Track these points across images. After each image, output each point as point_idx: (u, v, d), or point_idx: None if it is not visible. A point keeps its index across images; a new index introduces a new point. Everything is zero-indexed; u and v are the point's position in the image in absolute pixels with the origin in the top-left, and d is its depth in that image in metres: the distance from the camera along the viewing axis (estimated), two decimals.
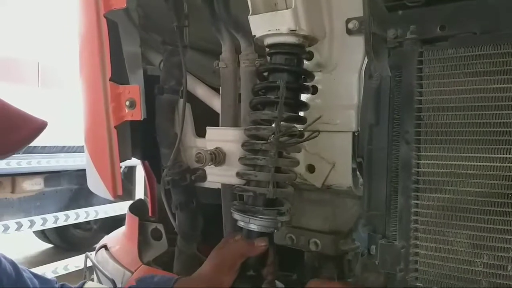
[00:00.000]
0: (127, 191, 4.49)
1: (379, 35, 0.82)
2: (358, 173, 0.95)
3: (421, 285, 0.74)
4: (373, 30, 0.82)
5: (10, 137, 0.64)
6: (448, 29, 0.74)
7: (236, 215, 0.85)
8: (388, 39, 0.79)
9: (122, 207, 4.50)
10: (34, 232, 4.72)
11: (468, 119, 0.71)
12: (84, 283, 0.96)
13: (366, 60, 0.88)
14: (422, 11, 0.76)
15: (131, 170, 4.57)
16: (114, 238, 1.42)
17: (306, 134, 0.85)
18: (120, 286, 1.12)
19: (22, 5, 3.69)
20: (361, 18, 0.87)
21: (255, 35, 0.84)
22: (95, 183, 1.15)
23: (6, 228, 3.72)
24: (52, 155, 3.96)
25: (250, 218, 0.82)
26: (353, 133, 0.93)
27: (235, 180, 0.98)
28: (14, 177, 4.08)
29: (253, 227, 0.82)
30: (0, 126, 0.63)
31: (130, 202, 1.46)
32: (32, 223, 3.91)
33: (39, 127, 0.68)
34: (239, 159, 0.87)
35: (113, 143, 1.07)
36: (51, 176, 4.42)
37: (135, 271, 1.14)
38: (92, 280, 1.36)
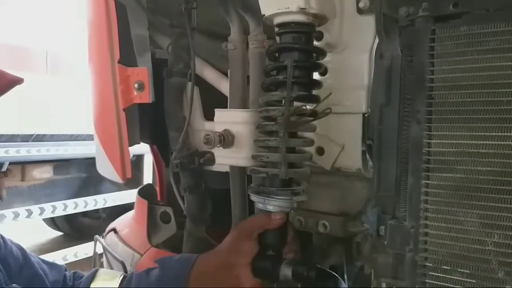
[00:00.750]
0: (135, 179, 4.52)
1: (390, 14, 0.81)
2: (367, 155, 0.95)
3: (431, 264, 0.74)
4: (384, 9, 0.80)
5: None
6: (461, 6, 0.73)
7: (253, 197, 0.85)
8: (399, 18, 0.78)
9: (130, 195, 4.54)
10: (43, 219, 4.79)
11: (480, 98, 0.70)
12: (96, 271, 0.97)
13: (377, 39, 0.87)
14: None
15: (139, 158, 4.60)
16: (123, 222, 1.43)
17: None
18: (131, 268, 1.13)
19: None
20: None
21: (264, 14, 0.83)
22: (105, 166, 1.16)
23: (16, 215, 3.78)
24: (61, 143, 3.99)
25: (265, 199, 0.82)
26: (363, 114, 0.93)
27: (243, 162, 0.98)
28: (24, 165, 4.13)
29: (270, 207, 0.83)
30: None
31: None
32: (42, 210, 3.97)
33: (13, 79, 0.75)
34: (253, 141, 0.87)
35: (122, 126, 1.07)
36: (60, 164, 4.46)
37: (144, 253, 1.15)
38: (102, 263, 1.38)
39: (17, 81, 0.77)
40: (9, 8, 3.55)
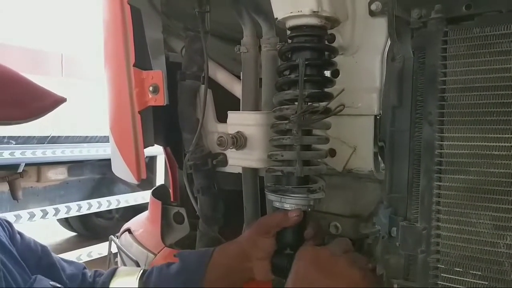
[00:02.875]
0: (148, 180, 4.56)
1: (402, 16, 0.81)
2: (379, 157, 0.95)
3: (443, 266, 0.74)
4: (396, 12, 0.81)
5: (33, 105, 0.74)
6: (474, 8, 0.73)
7: (270, 196, 0.86)
8: (412, 20, 0.78)
9: (143, 197, 4.59)
10: (58, 220, 4.86)
11: (493, 99, 0.70)
12: (116, 269, 0.99)
13: (388, 42, 0.88)
14: None
15: (152, 160, 4.65)
16: (137, 222, 1.46)
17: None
18: (146, 267, 1.15)
19: None
20: (384, 0, 0.87)
21: (277, 18, 0.84)
22: (120, 168, 1.18)
23: (32, 215, 3.85)
24: (75, 145, 4.06)
25: (281, 197, 0.83)
26: (375, 116, 0.93)
27: (255, 164, 0.99)
28: (39, 166, 4.21)
29: (287, 206, 0.84)
30: (26, 95, 0.74)
31: (150, 191, 1.49)
32: (57, 211, 4.04)
33: (58, 99, 0.77)
34: (269, 141, 0.88)
35: (137, 128, 1.09)
36: (74, 165, 4.54)
37: (158, 253, 1.17)
38: (116, 262, 1.41)
39: (61, 101, 0.78)
40: (24, 11, 3.62)
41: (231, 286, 0.92)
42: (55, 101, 0.76)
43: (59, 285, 0.83)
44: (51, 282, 0.82)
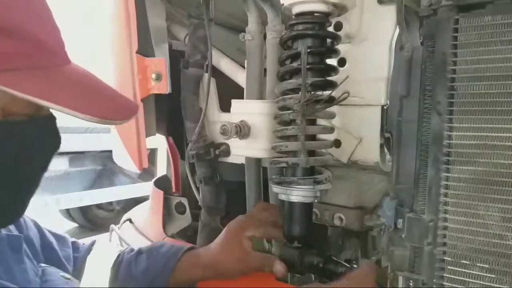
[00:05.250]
0: (149, 172, 4.55)
1: (410, 6, 0.79)
2: (385, 149, 0.94)
3: (449, 259, 0.73)
4: (405, 1, 0.79)
5: (125, 108, 0.69)
6: None
7: (275, 188, 0.85)
8: (422, 7, 0.76)
9: (144, 189, 4.59)
10: (59, 211, 4.87)
11: (504, 89, 0.68)
12: (94, 242, 0.99)
13: (397, 30, 0.86)
14: None
15: (152, 152, 4.64)
16: (138, 212, 1.45)
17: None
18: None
19: None
20: None
21: (283, 4, 0.82)
22: (121, 157, 1.17)
23: (33, 206, 3.84)
24: (76, 136, 4.05)
25: (287, 189, 0.82)
26: (382, 106, 0.91)
27: (259, 153, 0.98)
28: None
29: (293, 198, 0.83)
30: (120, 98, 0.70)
31: (151, 183, 1.48)
32: (58, 201, 4.04)
33: (135, 109, 0.71)
34: (273, 132, 0.87)
35: (139, 116, 1.08)
36: (75, 156, 4.53)
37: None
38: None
39: (137, 109, 0.72)
40: None
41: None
42: (131, 111, 0.70)
43: (68, 275, 0.81)
44: (61, 274, 0.80)
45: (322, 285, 0.81)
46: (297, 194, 0.82)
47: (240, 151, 1.00)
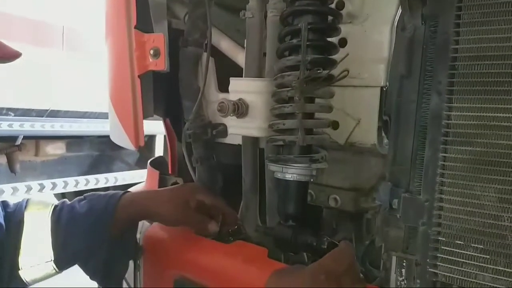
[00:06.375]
0: (146, 159, 4.55)
1: None
2: (383, 132, 0.93)
3: (444, 239, 0.72)
4: None
5: None
6: None
7: (272, 167, 0.84)
8: None
9: (141, 175, 4.58)
10: (54, 195, 4.86)
11: (505, 69, 0.68)
12: (28, 200, 1.00)
13: (399, 11, 0.85)
14: None
15: (151, 139, 4.62)
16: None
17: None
18: (140, 236, 1.14)
19: None
20: None
21: None
22: (118, 134, 1.15)
23: (29, 188, 3.84)
24: (74, 120, 4.03)
25: (283, 167, 0.81)
26: (381, 88, 0.91)
27: (256, 132, 0.97)
28: (38, 140, 4.19)
29: (288, 176, 0.82)
30: None
31: None
32: (54, 185, 4.02)
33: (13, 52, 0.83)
34: (270, 110, 0.86)
35: (136, 92, 1.07)
36: (73, 141, 4.51)
37: (154, 222, 1.15)
38: None
39: (16, 55, 0.84)
40: None
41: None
42: (8, 53, 0.80)
43: None
44: None
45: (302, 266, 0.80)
46: (293, 172, 0.82)
47: (237, 130, 1.00)
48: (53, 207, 0.98)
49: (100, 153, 4.78)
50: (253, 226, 1.08)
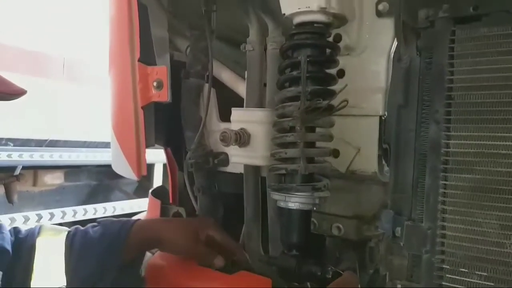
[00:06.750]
0: (145, 188, 4.53)
1: (409, 17, 0.82)
2: (383, 160, 0.95)
3: (448, 267, 0.72)
4: (403, 14, 0.81)
5: None
6: (481, 8, 0.73)
7: (274, 195, 0.85)
8: (419, 19, 0.78)
9: (139, 205, 4.55)
10: (52, 225, 4.80)
11: (500, 98, 0.70)
12: (40, 226, 1.02)
13: (395, 42, 0.88)
14: None
15: (149, 168, 4.61)
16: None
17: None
18: (142, 267, 1.13)
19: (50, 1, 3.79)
20: (391, 0, 0.87)
21: (284, 14, 0.84)
22: (120, 164, 1.16)
23: (27, 219, 3.80)
24: (73, 149, 4.03)
25: (285, 196, 0.82)
26: (380, 117, 0.93)
27: (258, 161, 0.99)
28: (36, 170, 4.17)
29: (291, 205, 0.83)
30: None
31: (147, 199, 1.48)
32: (52, 215, 3.98)
33: (18, 90, 0.88)
34: (271, 140, 0.87)
35: (139, 123, 1.09)
36: (71, 171, 4.50)
37: (156, 252, 1.15)
38: None
39: (21, 92, 0.88)
40: (28, 13, 3.64)
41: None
42: (15, 91, 0.84)
43: None
44: None
45: None
46: (296, 200, 0.82)
47: (240, 159, 1.01)
48: (66, 233, 0.99)
49: (98, 182, 4.77)
50: (255, 256, 1.08)
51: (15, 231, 0.99)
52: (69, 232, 1.00)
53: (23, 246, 0.95)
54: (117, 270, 0.97)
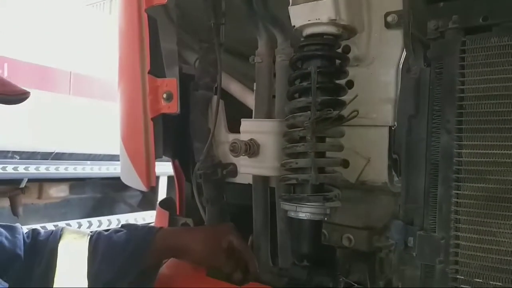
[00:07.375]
0: (150, 201, 4.53)
1: (418, 28, 0.82)
2: (393, 170, 0.94)
3: (462, 277, 0.72)
4: (412, 24, 0.82)
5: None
6: (490, 19, 0.74)
7: (285, 206, 0.85)
8: (428, 30, 0.79)
9: (144, 217, 4.54)
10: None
11: (511, 107, 0.70)
12: (62, 229, 1.01)
13: (404, 53, 0.89)
14: (464, 1, 0.76)
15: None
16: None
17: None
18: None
19: (57, 16, 3.85)
20: (400, 12, 0.88)
21: (294, 26, 0.85)
22: (129, 175, 1.17)
23: None
24: (78, 162, 4.05)
25: (296, 206, 0.82)
26: (390, 127, 0.93)
27: (267, 172, 0.99)
28: (41, 183, 4.19)
29: (302, 215, 0.82)
30: None
31: (152, 212, 1.48)
32: None
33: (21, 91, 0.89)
34: (282, 149, 0.88)
35: (149, 134, 1.09)
36: (76, 183, 4.51)
37: (165, 263, 1.14)
38: None
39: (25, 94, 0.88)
40: (35, 29, 3.69)
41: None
42: (16, 91, 0.86)
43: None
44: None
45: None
46: (307, 211, 0.82)
47: (249, 169, 1.01)
48: (89, 236, 0.99)
49: (103, 195, 4.78)
50: (264, 267, 1.07)
51: (34, 233, 0.98)
52: (91, 236, 1.00)
53: (44, 249, 0.95)
54: (136, 275, 0.97)
